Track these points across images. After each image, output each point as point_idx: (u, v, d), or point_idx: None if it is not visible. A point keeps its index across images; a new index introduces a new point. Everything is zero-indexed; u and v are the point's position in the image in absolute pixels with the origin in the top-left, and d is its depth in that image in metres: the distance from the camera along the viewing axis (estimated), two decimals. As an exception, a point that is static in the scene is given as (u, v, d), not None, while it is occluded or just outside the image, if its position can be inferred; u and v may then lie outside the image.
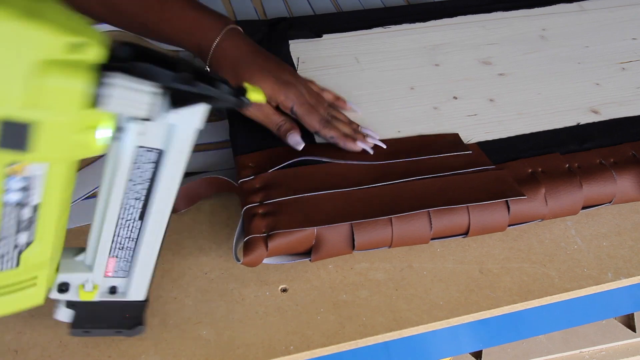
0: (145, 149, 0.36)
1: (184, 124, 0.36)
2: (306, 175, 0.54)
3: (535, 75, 0.71)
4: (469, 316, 0.49)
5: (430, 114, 0.64)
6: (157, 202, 0.39)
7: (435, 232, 0.51)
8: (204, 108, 0.35)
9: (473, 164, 0.56)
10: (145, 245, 0.41)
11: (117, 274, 0.42)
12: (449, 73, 0.71)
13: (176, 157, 0.37)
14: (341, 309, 0.49)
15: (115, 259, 0.41)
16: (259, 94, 0.37)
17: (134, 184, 0.38)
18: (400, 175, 0.54)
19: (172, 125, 0.36)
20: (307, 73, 0.69)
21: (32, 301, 0.40)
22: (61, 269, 0.41)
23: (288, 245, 0.49)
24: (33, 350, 0.45)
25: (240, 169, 0.55)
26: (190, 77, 0.33)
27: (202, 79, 0.34)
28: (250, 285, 0.50)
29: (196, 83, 0.34)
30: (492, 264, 0.53)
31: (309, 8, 0.89)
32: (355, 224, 0.50)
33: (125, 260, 0.41)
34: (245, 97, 0.36)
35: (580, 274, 0.52)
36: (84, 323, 0.44)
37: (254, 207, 0.51)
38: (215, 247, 0.53)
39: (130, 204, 0.39)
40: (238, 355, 0.45)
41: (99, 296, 0.43)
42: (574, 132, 0.62)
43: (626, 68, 0.72)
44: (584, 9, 0.84)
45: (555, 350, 0.68)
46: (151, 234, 0.40)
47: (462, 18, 0.81)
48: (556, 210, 0.54)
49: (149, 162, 0.37)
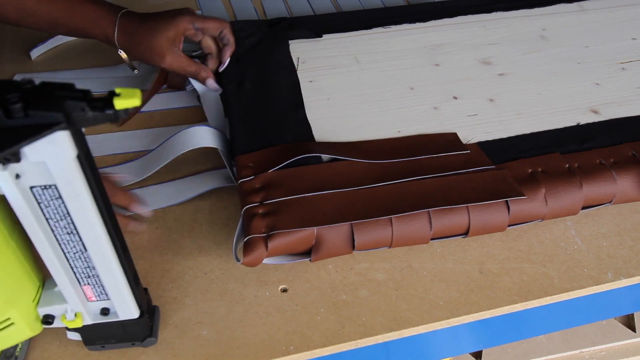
0: (41, 187, 0.33)
1: (52, 156, 0.31)
2: (306, 175, 0.54)
3: (535, 75, 0.70)
4: (469, 316, 0.49)
5: (430, 114, 0.64)
6: (85, 234, 0.36)
7: (435, 232, 0.51)
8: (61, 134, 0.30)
9: (473, 164, 0.56)
10: (103, 273, 0.39)
11: (100, 297, 0.41)
12: (449, 73, 0.70)
13: (69, 189, 0.34)
14: (341, 309, 0.49)
15: (89, 286, 0.40)
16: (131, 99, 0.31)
17: (55, 221, 0.35)
18: (400, 175, 0.54)
19: (41, 161, 0.32)
20: (307, 73, 0.69)
21: (21, 336, 0.40)
22: (41, 303, 0.41)
23: (288, 245, 0.49)
24: (33, 351, 0.45)
25: (240, 169, 0.55)
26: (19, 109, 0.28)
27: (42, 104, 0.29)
28: (250, 285, 0.50)
29: (28, 113, 0.29)
30: (492, 264, 0.53)
31: (309, 8, 0.89)
32: (355, 224, 0.50)
33: (98, 286, 0.40)
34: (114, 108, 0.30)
35: (580, 274, 0.52)
36: (94, 340, 0.44)
37: (254, 207, 0.51)
38: (215, 247, 0.53)
39: (66, 239, 0.37)
40: (238, 355, 0.45)
41: (92, 319, 0.42)
42: (574, 132, 0.62)
43: (626, 68, 0.72)
44: (584, 9, 0.84)
45: (555, 350, 0.68)
46: (101, 262, 0.38)
47: (462, 18, 0.80)
48: (556, 210, 0.54)
49: (55, 198, 0.34)
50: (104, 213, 0.36)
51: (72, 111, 0.30)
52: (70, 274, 0.39)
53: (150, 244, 0.53)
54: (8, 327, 0.39)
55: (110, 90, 0.30)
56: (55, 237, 0.36)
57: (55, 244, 0.37)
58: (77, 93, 0.30)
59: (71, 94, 0.30)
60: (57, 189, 0.34)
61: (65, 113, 0.30)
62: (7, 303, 0.38)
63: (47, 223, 0.35)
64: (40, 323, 0.41)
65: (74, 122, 0.30)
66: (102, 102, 0.30)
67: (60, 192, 0.34)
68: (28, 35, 0.79)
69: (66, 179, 0.33)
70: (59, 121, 0.29)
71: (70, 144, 0.31)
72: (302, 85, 0.67)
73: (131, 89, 0.31)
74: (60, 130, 0.30)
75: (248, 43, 0.72)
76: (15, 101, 0.28)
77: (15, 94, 0.29)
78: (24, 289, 0.40)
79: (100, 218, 0.36)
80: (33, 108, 0.29)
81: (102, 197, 0.36)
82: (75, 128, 0.31)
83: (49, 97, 0.29)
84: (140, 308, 0.42)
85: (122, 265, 0.39)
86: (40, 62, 0.76)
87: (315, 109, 0.64)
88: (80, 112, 0.30)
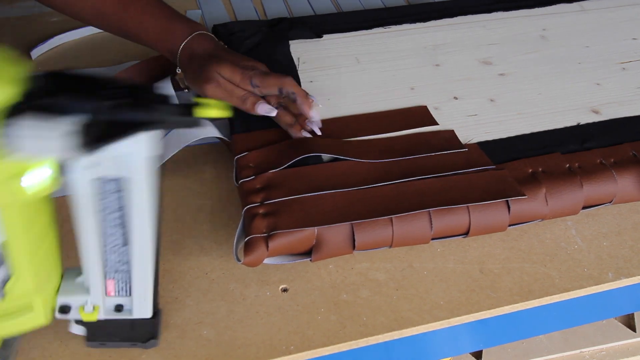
0: (104, 180, 0.35)
1: (134, 152, 0.34)
2: (306, 175, 0.54)
3: (536, 75, 0.71)
4: (469, 316, 0.49)
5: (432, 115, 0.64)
6: (135, 229, 0.38)
7: (435, 232, 0.51)
8: (149, 134, 0.33)
9: (473, 164, 0.56)
10: (136, 268, 0.40)
11: (119, 293, 0.42)
12: (449, 73, 0.71)
13: (136, 185, 0.36)
14: (342, 308, 0.49)
15: (114, 280, 0.41)
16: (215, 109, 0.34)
17: (106, 213, 0.37)
18: (401, 175, 0.54)
19: (122, 155, 0.34)
20: (307, 73, 0.69)
21: (34, 323, 0.41)
22: (61, 292, 0.42)
23: (289, 245, 0.49)
24: (33, 350, 0.45)
25: (240, 169, 0.55)
26: (124, 104, 0.31)
27: (141, 103, 0.31)
28: (251, 285, 0.50)
29: (131, 110, 0.31)
30: (492, 264, 0.53)
31: (309, 8, 0.89)
32: (355, 224, 0.50)
33: (123, 282, 0.41)
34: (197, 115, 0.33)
35: (581, 273, 0.52)
36: (97, 337, 0.44)
37: (255, 207, 0.51)
38: (216, 247, 0.53)
39: (110, 232, 0.38)
40: (239, 355, 0.45)
41: (105, 314, 0.43)
42: (574, 132, 0.62)
43: (626, 68, 0.72)
44: (584, 9, 0.84)
45: (555, 350, 0.68)
46: (139, 258, 0.40)
47: (463, 18, 0.81)
48: (557, 210, 0.54)
49: (113, 192, 0.36)
50: (155, 211, 0.39)
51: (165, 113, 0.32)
52: (102, 266, 0.40)
53: (151, 244, 0.53)
54: (27, 313, 0.40)
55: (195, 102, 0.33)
56: (102, 229, 0.38)
57: (100, 235, 0.38)
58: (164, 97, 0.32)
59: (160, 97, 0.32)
60: (121, 182, 0.36)
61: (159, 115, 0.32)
62: (36, 288, 0.39)
63: (99, 214, 0.37)
64: (52, 313, 0.42)
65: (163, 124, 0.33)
66: (186, 108, 0.33)
67: (128, 186, 0.36)
68: (28, 35, 0.79)
69: (139, 175, 0.35)
70: (156, 121, 0.32)
71: (154, 143, 0.34)
72: (302, 85, 0.67)
73: (215, 101, 0.34)
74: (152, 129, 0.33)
75: (248, 43, 0.72)
76: (125, 96, 0.31)
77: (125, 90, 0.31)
78: (52, 277, 0.41)
79: (152, 215, 0.38)
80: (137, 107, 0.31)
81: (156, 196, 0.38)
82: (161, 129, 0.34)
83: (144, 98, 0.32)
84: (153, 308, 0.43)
85: (154, 263, 0.41)
86: (41, 62, 0.76)
87: (316, 109, 0.64)
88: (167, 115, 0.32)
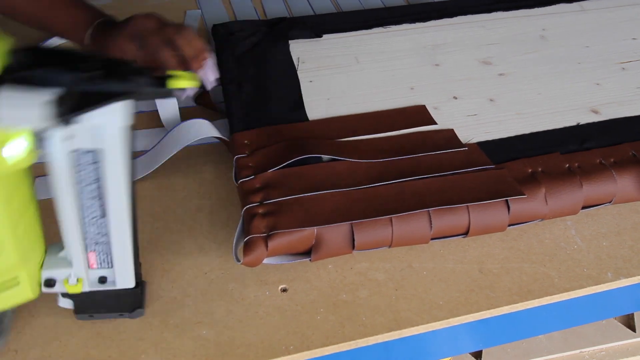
0: (80, 152, 0.36)
1: (109, 123, 0.35)
2: (306, 175, 0.54)
3: (535, 75, 0.70)
4: (469, 316, 0.49)
5: (430, 114, 0.64)
6: (112, 200, 0.39)
7: (435, 232, 0.51)
8: (125, 104, 0.34)
9: (473, 164, 0.56)
10: (115, 239, 0.41)
11: (102, 265, 0.43)
12: (449, 73, 0.70)
13: (112, 156, 0.36)
14: (341, 309, 0.49)
15: (95, 252, 0.42)
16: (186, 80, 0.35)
17: (83, 185, 0.38)
18: (400, 175, 0.54)
19: (97, 126, 0.35)
20: (307, 73, 0.69)
21: (22, 297, 0.42)
22: (45, 266, 0.43)
23: (288, 245, 0.49)
24: (33, 350, 0.45)
25: (240, 168, 0.55)
26: (98, 76, 0.32)
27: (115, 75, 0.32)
28: (250, 285, 0.50)
29: (105, 81, 0.32)
30: (492, 264, 0.53)
31: (309, 8, 0.89)
32: (355, 224, 0.50)
33: (104, 253, 0.42)
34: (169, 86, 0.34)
35: (580, 273, 0.52)
36: (85, 309, 0.46)
37: (254, 207, 0.51)
38: (215, 247, 0.53)
39: (88, 204, 0.39)
40: (238, 355, 0.45)
41: (89, 286, 0.44)
42: (574, 132, 0.62)
43: (626, 68, 0.72)
44: (584, 9, 0.84)
45: (555, 350, 0.68)
46: (117, 229, 0.41)
47: (462, 18, 0.81)
48: (556, 210, 0.54)
49: (90, 164, 0.37)
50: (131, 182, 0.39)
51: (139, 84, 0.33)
52: (82, 239, 0.41)
53: (150, 244, 0.53)
54: (14, 287, 0.41)
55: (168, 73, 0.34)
56: (79, 201, 0.39)
57: (78, 208, 0.39)
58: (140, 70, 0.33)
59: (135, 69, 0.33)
60: (97, 154, 0.36)
61: (134, 85, 0.33)
62: (20, 261, 0.40)
63: (76, 187, 0.38)
64: (40, 287, 0.43)
65: (136, 94, 0.33)
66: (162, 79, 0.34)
67: (103, 157, 0.36)
68: (28, 36, 0.79)
69: (114, 145, 0.36)
70: (130, 91, 0.33)
71: (128, 113, 0.34)
72: (302, 85, 0.67)
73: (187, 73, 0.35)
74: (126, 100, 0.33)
75: (248, 43, 0.72)
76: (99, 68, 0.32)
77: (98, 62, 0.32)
78: (35, 250, 0.42)
79: (128, 185, 0.38)
80: (111, 78, 0.32)
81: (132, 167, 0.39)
82: (136, 99, 0.34)
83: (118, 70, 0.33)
84: (136, 278, 0.44)
85: (133, 233, 0.41)
86: (40, 62, 0.76)
87: (316, 109, 0.64)
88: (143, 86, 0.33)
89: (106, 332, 0.46)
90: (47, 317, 0.47)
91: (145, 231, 0.54)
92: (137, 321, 0.47)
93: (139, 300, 0.46)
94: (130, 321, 0.47)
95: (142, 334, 0.46)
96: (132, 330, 0.46)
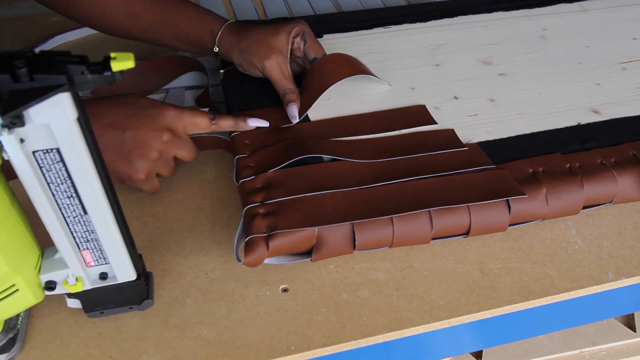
0: (42, 152, 0.35)
1: (54, 118, 0.34)
2: (307, 175, 0.54)
3: (536, 75, 0.71)
4: (469, 316, 0.49)
5: (431, 114, 0.64)
6: (87, 197, 0.38)
7: (436, 232, 0.51)
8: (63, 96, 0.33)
9: (474, 164, 0.56)
10: (102, 235, 0.41)
11: (99, 262, 0.43)
12: (449, 73, 0.71)
13: (71, 152, 0.36)
14: (342, 309, 0.49)
15: (88, 250, 0.42)
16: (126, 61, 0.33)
17: (56, 185, 0.37)
18: (401, 175, 0.54)
19: (44, 124, 0.34)
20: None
21: (25, 302, 0.42)
22: (43, 270, 0.43)
23: (289, 245, 0.49)
24: (33, 351, 0.45)
25: (240, 168, 0.55)
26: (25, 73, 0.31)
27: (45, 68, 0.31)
28: (251, 285, 0.50)
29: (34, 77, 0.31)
30: (492, 264, 0.53)
31: (309, 8, 0.89)
32: (356, 224, 0.50)
33: (97, 250, 0.42)
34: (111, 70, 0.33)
35: (581, 273, 0.52)
36: (94, 306, 0.46)
37: (255, 207, 0.51)
38: (216, 247, 0.53)
39: (66, 203, 0.39)
40: (239, 355, 0.45)
41: (91, 284, 0.44)
42: (574, 132, 0.62)
43: (627, 68, 0.72)
44: (584, 9, 0.84)
45: (555, 350, 0.68)
46: (101, 224, 0.40)
47: (463, 18, 0.81)
48: (557, 210, 0.54)
49: (56, 162, 0.36)
50: (102, 175, 0.38)
51: (73, 74, 0.32)
52: (71, 238, 0.41)
53: (151, 244, 0.53)
54: (13, 294, 0.41)
55: (106, 55, 0.33)
56: (56, 202, 0.38)
57: (56, 208, 0.39)
58: (75, 58, 0.32)
59: (70, 59, 0.32)
60: (58, 152, 0.36)
61: (68, 76, 0.32)
62: (12, 269, 0.39)
63: (48, 187, 0.37)
64: (43, 290, 0.43)
65: (75, 85, 0.32)
66: (100, 65, 0.32)
67: (62, 154, 0.36)
68: (28, 35, 0.79)
69: (68, 141, 0.35)
70: (62, 83, 0.32)
71: (72, 105, 0.33)
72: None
73: (125, 53, 0.33)
74: (63, 92, 0.32)
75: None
76: (21, 66, 0.31)
77: (21, 60, 0.31)
78: (27, 255, 0.42)
79: (99, 179, 0.38)
80: (37, 72, 0.31)
81: (99, 159, 0.37)
82: (75, 91, 0.33)
83: (50, 62, 0.32)
84: (137, 270, 0.44)
85: (119, 227, 0.41)
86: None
87: (316, 109, 0.64)
88: (80, 75, 0.32)
89: (107, 332, 0.46)
90: (48, 317, 0.47)
91: (146, 231, 0.54)
92: (138, 321, 0.47)
93: (146, 292, 0.46)
94: (131, 321, 0.47)
95: (143, 334, 0.46)
96: (133, 330, 0.46)
